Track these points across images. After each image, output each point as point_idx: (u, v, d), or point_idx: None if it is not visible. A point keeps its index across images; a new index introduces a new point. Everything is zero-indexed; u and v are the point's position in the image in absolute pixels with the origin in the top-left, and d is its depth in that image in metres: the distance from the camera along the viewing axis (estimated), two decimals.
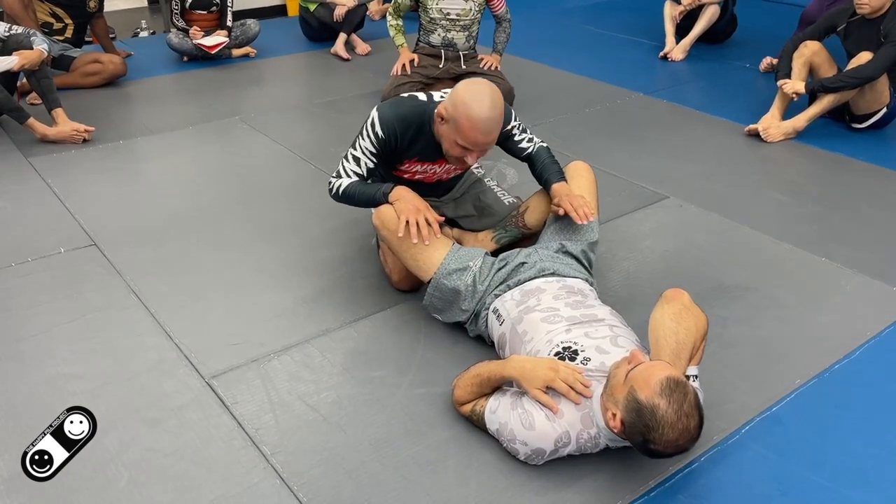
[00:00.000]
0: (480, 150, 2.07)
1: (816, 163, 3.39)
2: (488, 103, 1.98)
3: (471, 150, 2.05)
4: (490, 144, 2.08)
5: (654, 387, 1.46)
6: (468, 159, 2.08)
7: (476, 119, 1.97)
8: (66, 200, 2.96)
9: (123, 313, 2.28)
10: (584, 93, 4.29)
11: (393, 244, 2.15)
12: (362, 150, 2.18)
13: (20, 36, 3.40)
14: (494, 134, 2.04)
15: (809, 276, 2.51)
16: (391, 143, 2.16)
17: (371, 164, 2.19)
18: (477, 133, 1.99)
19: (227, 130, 3.72)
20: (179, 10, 4.67)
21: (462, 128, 1.99)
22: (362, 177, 2.21)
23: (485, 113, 1.97)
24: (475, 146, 2.04)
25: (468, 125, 1.98)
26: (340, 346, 2.15)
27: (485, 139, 2.02)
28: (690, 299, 1.76)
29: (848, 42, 3.58)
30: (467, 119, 1.98)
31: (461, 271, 2.08)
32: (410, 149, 2.20)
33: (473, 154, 2.07)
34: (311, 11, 5.04)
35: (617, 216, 2.89)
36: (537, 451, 1.65)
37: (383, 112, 2.15)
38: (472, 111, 1.97)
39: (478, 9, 3.77)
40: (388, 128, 2.14)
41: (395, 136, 2.15)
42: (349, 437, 1.81)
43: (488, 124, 2.00)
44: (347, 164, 2.21)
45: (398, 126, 2.14)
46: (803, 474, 1.73)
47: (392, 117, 2.14)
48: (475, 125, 1.98)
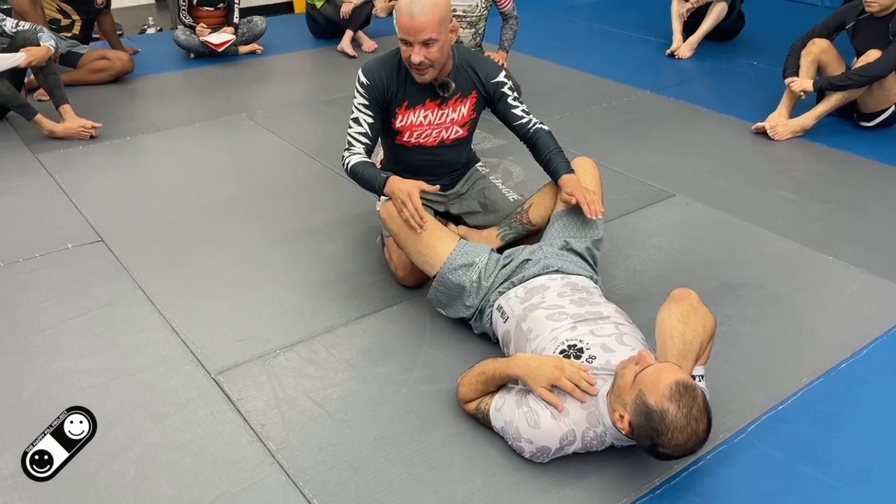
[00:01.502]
0: (417, 41, 2.08)
1: (824, 161, 3.38)
2: None
3: (410, 44, 2.10)
4: (423, 32, 2.07)
5: (663, 391, 1.46)
6: (413, 57, 2.10)
7: (403, 3, 2.07)
8: (74, 196, 2.97)
9: (130, 309, 2.29)
10: (591, 90, 4.29)
11: (399, 238, 2.16)
12: (357, 109, 2.27)
13: (27, 32, 3.41)
14: (422, 18, 2.05)
15: (816, 274, 2.50)
16: (377, 86, 2.24)
17: (370, 120, 2.26)
18: (403, 17, 2.07)
19: (234, 127, 3.73)
20: (187, 6, 4.67)
21: (397, 19, 2.11)
22: (366, 135, 2.27)
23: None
24: (407, 33, 2.08)
25: (398, 13, 2.10)
26: (346, 342, 2.15)
27: (410, 22, 2.06)
28: (698, 299, 1.74)
29: (856, 40, 3.57)
30: (398, 7, 2.10)
31: (467, 267, 2.08)
32: (398, 93, 2.26)
33: (415, 48, 2.09)
34: (318, 8, 5.04)
35: (623, 214, 2.88)
36: (542, 449, 1.65)
37: (364, 65, 2.30)
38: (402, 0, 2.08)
39: (484, 5, 3.76)
40: (369, 73, 2.25)
41: (378, 80, 2.24)
42: (354, 433, 1.82)
43: (412, 7, 2.05)
44: (350, 130, 2.29)
45: (379, 70, 2.25)
46: (810, 473, 1.73)
47: (372, 65, 2.28)
48: (402, 9, 2.07)
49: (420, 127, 2.33)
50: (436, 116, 2.32)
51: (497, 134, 3.58)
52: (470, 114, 2.36)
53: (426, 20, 2.06)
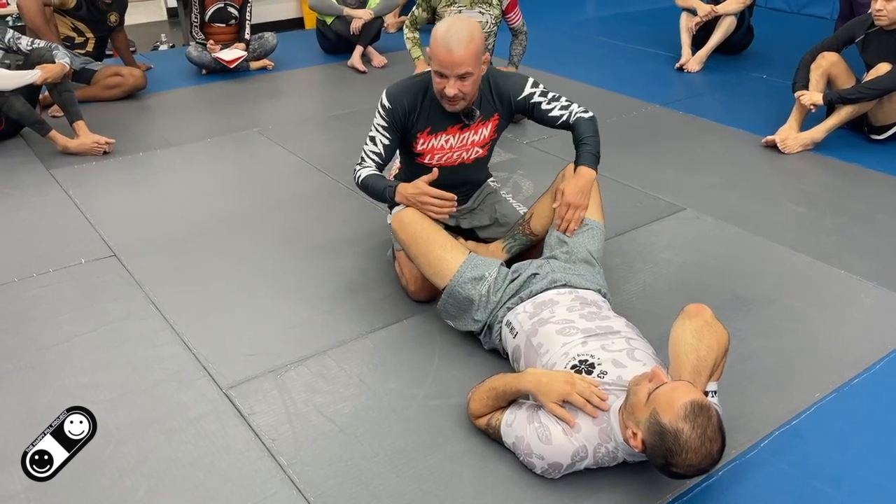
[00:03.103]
0: (453, 75, 2.09)
1: (835, 174, 3.37)
2: (456, 25, 2.08)
3: (446, 77, 2.10)
4: (459, 66, 2.07)
5: (677, 411, 1.45)
6: (447, 90, 2.11)
7: (441, 37, 2.06)
8: (87, 211, 3.00)
9: (142, 324, 2.30)
10: (600, 104, 4.28)
11: (410, 249, 2.17)
12: (376, 128, 2.29)
13: (43, 50, 3.46)
14: (459, 53, 2.05)
15: (828, 288, 2.49)
16: (398, 112, 2.25)
17: (386, 141, 2.28)
18: (440, 50, 2.06)
19: (245, 142, 3.76)
20: (199, 23, 4.72)
21: (432, 50, 2.09)
22: (379, 155, 2.30)
23: (447, 30, 2.06)
24: (443, 66, 2.08)
25: (434, 45, 2.08)
26: (357, 357, 2.15)
27: (448, 56, 2.06)
28: (713, 315, 1.73)
29: (866, 53, 3.56)
30: (434, 39, 2.08)
31: (476, 280, 2.08)
32: (420, 118, 2.27)
33: (449, 81, 2.10)
34: (328, 24, 5.08)
35: (633, 228, 2.88)
36: (554, 466, 1.65)
37: (389, 88, 2.29)
38: (439, 32, 2.08)
39: (494, 21, 3.79)
40: (393, 98, 2.25)
41: (400, 106, 2.24)
42: (365, 448, 1.82)
43: (450, 41, 2.05)
44: (366, 147, 2.31)
45: (402, 95, 2.25)
46: (823, 489, 1.71)
47: (396, 89, 2.27)
48: (439, 43, 2.06)
49: (441, 150, 2.35)
50: (457, 140, 2.34)
51: (507, 148, 3.59)
52: (491, 135, 2.38)
53: (464, 54, 2.06)
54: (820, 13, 6.37)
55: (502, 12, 3.78)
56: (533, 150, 3.63)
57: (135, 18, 6.00)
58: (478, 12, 3.73)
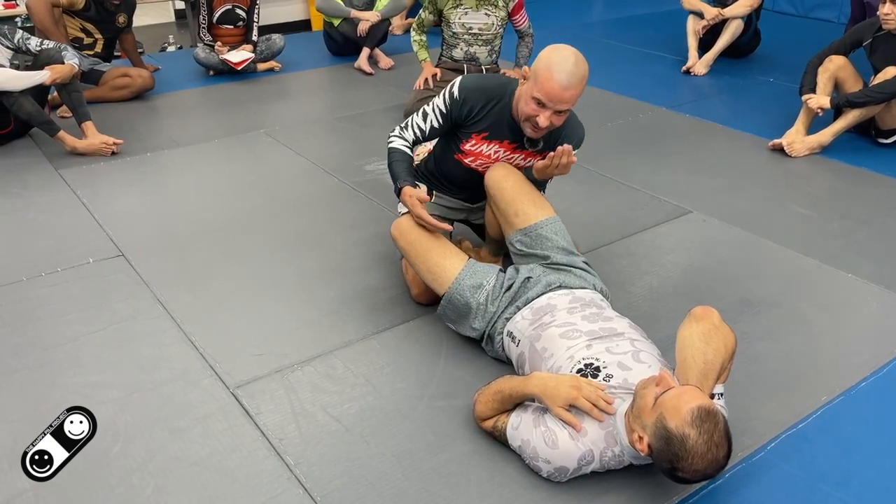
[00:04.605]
0: (553, 109, 2.01)
1: (842, 178, 3.36)
2: (573, 60, 1.98)
3: (544, 107, 2.00)
4: (564, 103, 2.00)
5: (684, 416, 1.45)
6: (540, 119, 2.02)
7: (556, 69, 1.96)
8: (95, 211, 3.01)
9: (150, 323, 2.31)
10: (607, 107, 4.30)
11: (409, 255, 2.17)
12: (434, 107, 2.22)
13: (52, 50, 3.47)
14: (571, 91, 1.98)
15: (835, 291, 2.48)
16: (463, 108, 2.17)
17: (436, 125, 2.22)
18: (553, 83, 1.96)
19: (252, 143, 3.77)
20: (206, 24, 4.74)
21: (540, 77, 1.98)
22: (423, 133, 2.24)
23: (566, 65, 1.96)
24: (549, 98, 1.98)
25: (546, 74, 1.97)
26: (363, 357, 2.16)
27: (560, 92, 1.97)
28: (720, 318, 1.73)
29: (874, 57, 3.56)
30: (547, 68, 1.97)
31: (475, 288, 2.08)
32: (482, 120, 2.20)
33: (546, 113, 2.01)
34: (336, 26, 5.10)
35: (640, 230, 2.88)
36: (560, 470, 1.65)
37: (467, 78, 2.19)
38: (553, 61, 1.97)
39: (500, 23, 3.80)
40: (465, 92, 2.16)
41: (469, 102, 2.16)
42: (372, 448, 1.82)
43: (566, 76, 1.96)
44: (416, 118, 2.25)
45: (477, 93, 2.16)
46: (829, 492, 1.71)
47: (473, 84, 2.17)
48: (553, 74, 1.96)
49: (486, 158, 2.29)
50: (505, 155, 2.28)
51: None
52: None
53: (575, 93, 2.00)
54: (827, 17, 6.37)
55: (508, 14, 3.79)
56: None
57: (143, 20, 6.03)
58: (483, 14, 3.74)
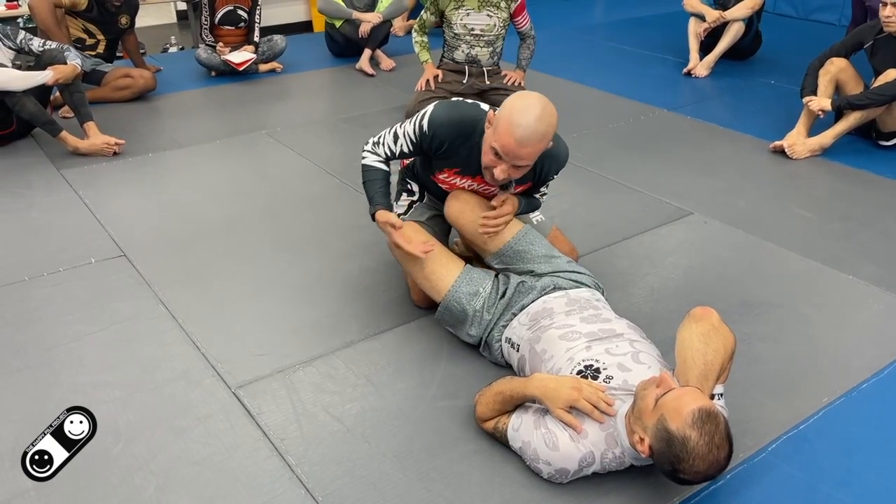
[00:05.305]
0: (510, 163, 1.92)
1: (843, 180, 3.36)
2: (536, 113, 1.86)
3: (501, 159, 1.92)
4: (522, 160, 1.91)
5: (685, 417, 1.45)
6: (496, 171, 1.94)
7: (516, 122, 1.86)
8: (97, 212, 3.02)
9: (151, 323, 2.31)
10: (608, 109, 4.30)
11: (405, 264, 2.18)
12: (404, 134, 2.13)
13: (54, 51, 3.48)
14: (528, 149, 1.88)
15: (836, 293, 2.49)
16: (433, 143, 2.08)
17: (406, 151, 2.16)
18: (510, 137, 1.86)
19: (254, 144, 3.77)
20: (208, 25, 4.75)
21: (499, 128, 1.88)
22: (394, 154, 2.17)
23: (526, 120, 1.85)
24: (505, 153, 1.89)
25: (505, 126, 1.87)
26: (364, 357, 2.16)
27: (517, 148, 1.87)
28: (719, 318, 1.73)
29: (875, 59, 3.56)
30: (508, 121, 1.87)
31: (472, 295, 2.09)
32: (453, 157, 2.12)
33: (502, 166, 1.92)
34: (337, 28, 5.10)
35: (641, 232, 2.88)
36: (561, 472, 1.65)
37: (438, 110, 2.08)
38: (515, 113, 1.86)
39: (502, 25, 3.80)
40: (435, 127, 2.05)
41: (439, 139, 2.06)
42: (373, 448, 1.82)
43: (525, 132, 1.85)
44: (387, 136, 2.18)
45: (447, 129, 2.05)
46: (831, 493, 1.71)
47: (444, 118, 2.06)
48: (512, 129, 1.86)
49: (461, 189, 2.23)
50: (480, 188, 2.21)
51: None
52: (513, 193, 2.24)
53: (532, 151, 1.90)
54: (828, 19, 6.37)
55: (510, 16, 3.79)
56: None
57: (145, 21, 6.04)
58: (485, 15, 3.74)
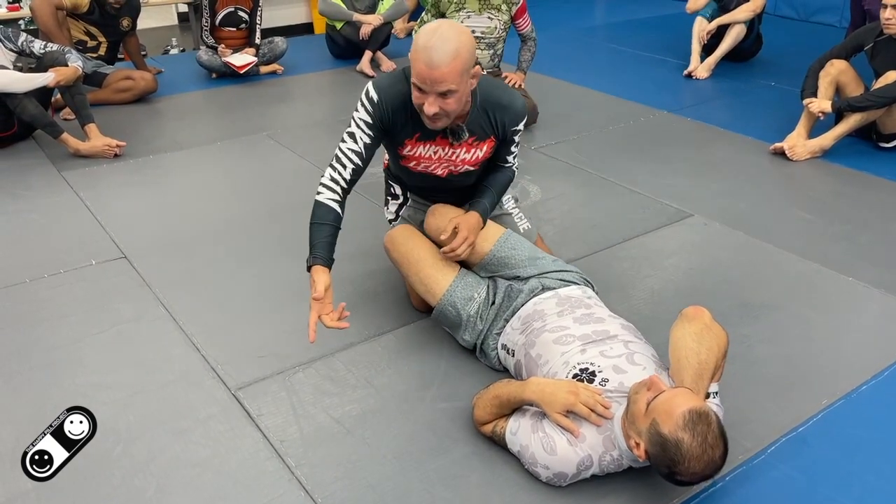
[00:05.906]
0: (433, 91, 1.82)
1: (843, 182, 3.36)
2: (441, 34, 1.79)
3: (424, 92, 1.84)
4: (440, 83, 1.80)
5: (677, 420, 1.45)
6: (426, 107, 1.85)
7: (422, 47, 1.79)
8: (98, 213, 3.02)
9: (152, 325, 2.32)
10: (609, 110, 4.30)
11: (401, 268, 2.19)
12: (356, 123, 2.00)
13: (56, 53, 3.49)
14: (441, 69, 1.78)
15: (836, 295, 2.49)
16: (386, 109, 1.98)
17: (367, 140, 2.00)
18: (421, 64, 1.79)
19: (255, 146, 3.78)
20: (209, 27, 4.76)
21: (413, 62, 1.83)
22: (360, 155, 2.01)
23: (431, 41, 1.78)
24: (422, 81, 1.81)
25: (414, 53, 1.81)
26: (364, 359, 2.16)
27: (430, 71, 1.79)
28: (711, 317, 1.74)
29: (875, 61, 3.56)
30: (415, 50, 1.81)
31: (466, 300, 2.09)
32: (409, 122, 2.02)
33: (429, 98, 1.84)
34: (338, 30, 5.11)
35: (641, 234, 2.89)
36: (559, 475, 1.65)
37: (377, 79, 2.02)
38: (420, 39, 1.81)
39: (503, 27, 3.80)
40: (382, 90, 1.97)
41: (390, 101, 1.97)
42: (373, 450, 1.83)
43: (430, 52, 1.77)
44: (343, 145, 2.01)
45: (392, 88, 1.97)
46: (830, 495, 1.71)
47: (386, 81, 2.00)
48: (420, 54, 1.79)
49: (428, 160, 2.15)
50: (446, 153, 2.12)
51: None
52: (486, 157, 2.17)
53: (446, 71, 1.79)
54: (828, 21, 6.38)
55: (511, 18, 3.80)
56: (541, 156, 3.64)
57: (146, 23, 6.04)
58: (486, 18, 3.74)
